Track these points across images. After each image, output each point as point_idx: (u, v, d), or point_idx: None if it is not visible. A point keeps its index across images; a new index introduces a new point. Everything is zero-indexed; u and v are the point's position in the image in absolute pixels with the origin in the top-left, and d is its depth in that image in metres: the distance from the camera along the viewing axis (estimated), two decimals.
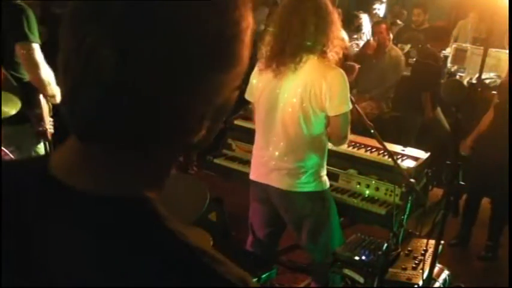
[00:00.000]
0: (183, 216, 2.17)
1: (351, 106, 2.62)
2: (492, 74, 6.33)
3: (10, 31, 2.97)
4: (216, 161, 3.51)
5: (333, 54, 2.59)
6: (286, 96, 2.63)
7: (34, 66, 3.01)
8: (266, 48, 2.63)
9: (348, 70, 4.22)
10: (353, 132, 3.49)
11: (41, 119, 3.14)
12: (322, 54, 2.58)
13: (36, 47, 3.00)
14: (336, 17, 2.59)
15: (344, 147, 3.26)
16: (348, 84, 2.60)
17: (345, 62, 4.60)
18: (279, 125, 2.69)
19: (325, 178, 2.80)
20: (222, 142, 3.66)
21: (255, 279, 2.71)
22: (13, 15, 2.96)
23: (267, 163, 2.77)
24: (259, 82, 2.74)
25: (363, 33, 7.84)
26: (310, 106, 2.59)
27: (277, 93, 2.66)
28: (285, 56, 2.56)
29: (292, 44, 2.54)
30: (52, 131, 3.25)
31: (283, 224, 2.97)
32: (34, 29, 3.00)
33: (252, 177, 2.89)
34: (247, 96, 2.86)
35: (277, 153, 2.72)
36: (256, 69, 2.74)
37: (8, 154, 2.93)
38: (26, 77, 3.07)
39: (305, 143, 2.68)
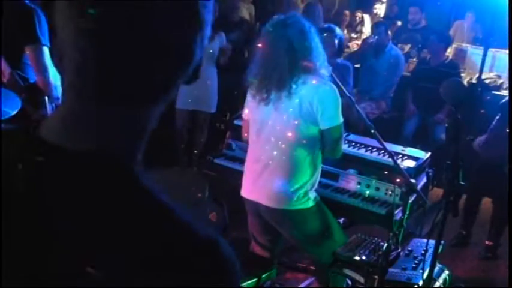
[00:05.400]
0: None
1: (342, 119, 2.67)
2: (492, 74, 6.33)
3: (21, 32, 2.96)
4: (216, 161, 3.51)
5: (323, 71, 2.66)
6: (278, 115, 2.67)
7: (42, 70, 3.01)
8: (255, 74, 2.70)
9: None
10: (353, 132, 3.51)
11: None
12: (312, 72, 2.63)
13: (45, 50, 3.00)
14: (314, 38, 2.63)
15: (344, 147, 3.27)
16: (339, 99, 2.65)
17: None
18: (270, 143, 2.71)
19: (314, 194, 2.81)
20: (222, 142, 3.66)
21: (255, 279, 2.71)
22: (24, 16, 2.94)
23: (256, 180, 2.80)
24: (252, 106, 2.79)
25: (363, 33, 7.85)
26: (303, 122, 2.63)
27: (269, 112, 2.70)
28: (273, 85, 2.62)
29: (277, 77, 2.60)
30: None
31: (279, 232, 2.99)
32: (45, 31, 3.00)
33: (243, 193, 2.92)
34: (243, 115, 2.94)
35: (268, 171, 2.74)
36: (249, 94, 2.82)
37: None
38: (33, 77, 3.07)
39: (297, 161, 2.70)
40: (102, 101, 0.70)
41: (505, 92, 5.90)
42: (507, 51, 6.02)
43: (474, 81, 6.16)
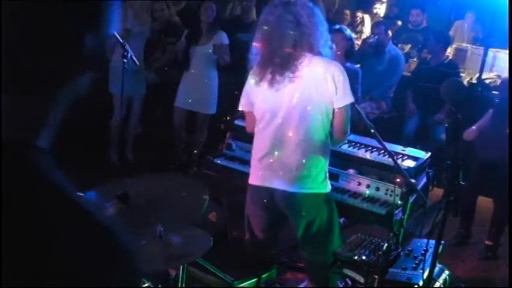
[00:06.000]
0: (182, 216, 2.17)
1: (353, 98, 2.68)
2: (492, 74, 6.34)
3: None
4: (216, 161, 3.51)
5: (326, 50, 2.67)
6: (290, 99, 2.65)
7: None
8: (255, 61, 2.71)
9: None
10: (353, 132, 3.51)
11: None
12: (317, 52, 2.63)
13: None
14: (319, 16, 2.65)
15: (344, 147, 3.27)
16: (347, 76, 2.67)
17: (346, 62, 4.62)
18: (285, 128, 2.69)
19: (328, 180, 2.81)
20: (222, 142, 3.66)
21: (255, 279, 2.71)
22: None
23: (271, 166, 2.75)
24: (257, 92, 2.76)
25: (363, 33, 7.84)
26: (317, 103, 2.62)
27: (280, 98, 2.67)
28: (277, 65, 2.62)
29: (282, 55, 2.60)
30: None
31: (282, 226, 2.97)
32: None
33: (253, 182, 2.86)
34: (242, 107, 2.89)
35: (284, 156, 2.71)
36: (250, 80, 2.78)
37: None
38: None
39: (312, 144, 2.69)
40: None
41: None
42: (507, 51, 6.03)
43: (474, 81, 6.16)
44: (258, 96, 2.76)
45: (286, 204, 2.82)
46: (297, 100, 2.64)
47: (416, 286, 2.41)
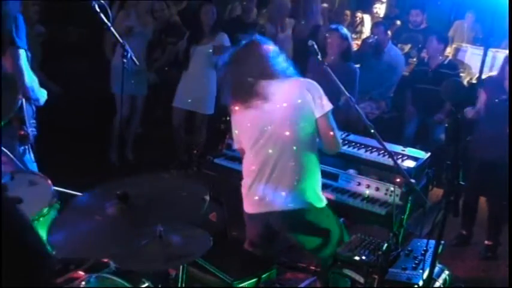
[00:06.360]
0: (182, 216, 2.17)
1: (331, 105, 2.72)
2: (492, 74, 6.34)
3: None
4: (216, 161, 3.51)
5: (290, 70, 2.78)
6: (272, 120, 2.69)
7: (19, 73, 2.98)
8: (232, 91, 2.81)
9: None
10: (353, 132, 3.51)
11: (23, 122, 3.12)
12: (282, 76, 2.74)
13: (22, 53, 2.97)
14: (270, 47, 2.83)
15: (344, 147, 3.27)
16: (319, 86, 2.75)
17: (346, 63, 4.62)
18: (273, 151, 2.72)
19: (322, 195, 2.83)
20: (222, 142, 3.66)
21: (255, 279, 2.71)
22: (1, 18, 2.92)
23: (265, 191, 2.77)
24: (240, 125, 2.83)
25: (363, 33, 7.85)
26: (301, 117, 2.66)
27: (262, 120, 2.72)
28: (250, 97, 2.72)
29: (251, 89, 2.72)
30: (35, 133, 3.23)
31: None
32: (22, 35, 2.97)
33: (248, 210, 2.89)
34: (236, 144, 2.95)
35: (277, 177, 2.73)
36: (232, 117, 2.87)
37: (7, 153, 2.91)
38: None
39: (304, 161, 2.71)
40: None
41: None
42: (507, 51, 6.03)
43: (474, 81, 6.16)
44: (242, 127, 2.82)
45: (283, 225, 2.84)
46: (281, 123, 2.68)
47: (416, 286, 2.41)
